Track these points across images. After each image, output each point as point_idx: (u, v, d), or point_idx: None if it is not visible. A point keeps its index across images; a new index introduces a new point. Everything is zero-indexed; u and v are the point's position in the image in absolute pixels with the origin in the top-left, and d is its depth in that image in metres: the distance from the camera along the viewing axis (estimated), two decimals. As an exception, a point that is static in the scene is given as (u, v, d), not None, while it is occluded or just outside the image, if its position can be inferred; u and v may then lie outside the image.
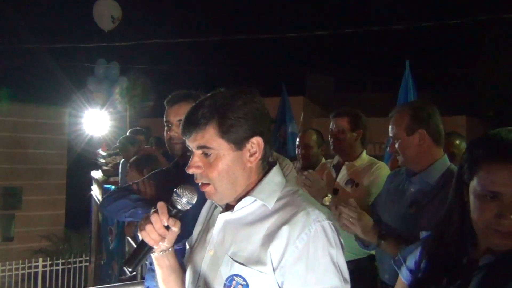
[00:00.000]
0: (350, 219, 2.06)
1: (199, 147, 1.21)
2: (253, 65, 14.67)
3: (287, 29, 13.65)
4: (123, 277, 4.96)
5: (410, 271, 1.33)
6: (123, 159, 5.64)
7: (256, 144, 1.21)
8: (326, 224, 1.16)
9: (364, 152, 2.93)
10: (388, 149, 2.21)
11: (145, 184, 2.09)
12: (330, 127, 2.96)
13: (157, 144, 5.89)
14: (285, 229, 1.15)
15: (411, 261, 1.33)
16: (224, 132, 1.19)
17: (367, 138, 2.93)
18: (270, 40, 11.35)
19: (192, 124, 1.21)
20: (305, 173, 2.48)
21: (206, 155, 1.21)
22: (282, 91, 6.44)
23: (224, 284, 1.18)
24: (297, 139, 3.73)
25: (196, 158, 1.22)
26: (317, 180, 2.46)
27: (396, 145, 2.09)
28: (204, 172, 1.21)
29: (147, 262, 2.14)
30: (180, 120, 1.86)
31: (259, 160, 1.23)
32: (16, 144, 10.13)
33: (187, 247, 1.45)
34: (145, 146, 5.64)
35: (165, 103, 2.08)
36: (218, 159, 1.20)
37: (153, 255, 1.31)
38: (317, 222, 1.15)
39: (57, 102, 10.42)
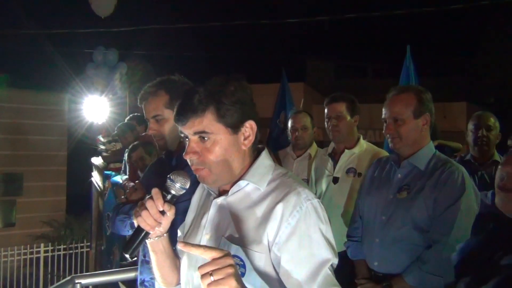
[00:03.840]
0: None
1: (196, 133, 1.24)
2: (253, 51, 14.59)
3: (287, 14, 13.54)
4: (124, 262, 5.00)
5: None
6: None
7: (249, 127, 1.27)
8: (316, 202, 1.24)
9: (361, 138, 2.93)
10: (385, 131, 2.12)
11: (131, 192, 2.11)
12: (327, 113, 2.94)
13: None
14: (278, 208, 1.21)
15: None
16: (222, 117, 1.23)
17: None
18: (270, 25, 11.27)
19: (189, 110, 1.24)
20: None
21: (203, 140, 1.24)
22: (282, 77, 6.42)
23: None
24: (290, 122, 3.71)
25: (193, 144, 1.25)
26: None
27: (402, 127, 2.04)
28: (201, 158, 1.25)
29: (140, 254, 2.16)
30: (155, 116, 1.88)
31: (251, 144, 1.29)
32: (17, 130, 10.12)
33: (179, 234, 1.48)
34: (143, 134, 5.63)
35: (138, 100, 2.07)
36: (216, 143, 1.24)
37: (148, 241, 1.34)
38: (307, 201, 1.22)
39: (57, 88, 10.38)
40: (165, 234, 1.35)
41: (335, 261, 1.22)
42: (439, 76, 12.75)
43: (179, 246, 1.15)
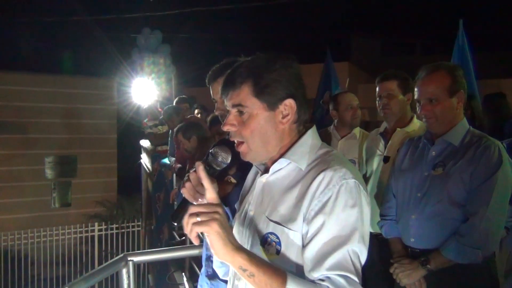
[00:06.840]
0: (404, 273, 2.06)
1: (234, 105, 1.28)
2: (296, 30, 14.39)
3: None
4: (173, 241, 5.17)
5: None
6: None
7: (289, 106, 1.26)
8: (352, 182, 1.20)
9: (415, 117, 2.82)
10: (420, 111, 2.08)
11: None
12: (378, 92, 2.86)
13: (203, 111, 6.01)
14: (313, 185, 1.21)
15: None
16: (258, 92, 1.24)
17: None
18: (313, 2, 11.05)
19: (229, 83, 1.28)
20: None
21: (240, 113, 1.27)
22: (326, 57, 6.29)
23: (261, 241, 1.26)
24: (344, 101, 3.67)
25: (231, 117, 1.29)
26: None
27: (437, 107, 2.03)
28: (238, 130, 1.28)
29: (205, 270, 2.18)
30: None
31: (292, 123, 1.28)
32: (70, 114, 10.58)
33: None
34: (189, 116, 5.74)
35: (206, 81, 2.07)
36: (251, 118, 1.26)
37: None
38: (343, 180, 1.19)
39: (106, 73, 10.72)
40: None
41: (359, 248, 1.17)
42: (494, 51, 12.10)
43: (196, 165, 1.20)
